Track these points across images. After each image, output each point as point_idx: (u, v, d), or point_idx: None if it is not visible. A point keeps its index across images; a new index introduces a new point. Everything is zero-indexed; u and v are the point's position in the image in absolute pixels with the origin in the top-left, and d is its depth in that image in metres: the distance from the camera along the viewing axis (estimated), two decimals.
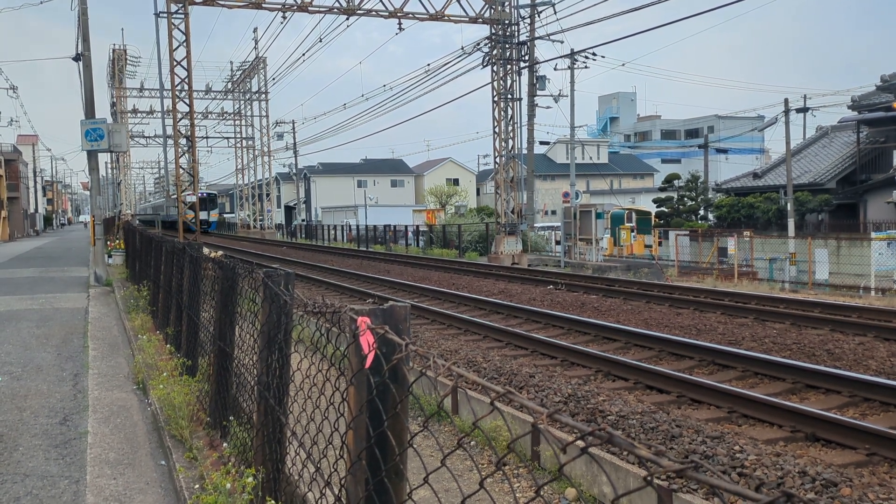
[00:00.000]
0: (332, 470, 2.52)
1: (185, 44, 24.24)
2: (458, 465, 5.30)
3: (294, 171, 64.27)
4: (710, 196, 41.47)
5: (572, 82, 32.74)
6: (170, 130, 27.51)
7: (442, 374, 1.80)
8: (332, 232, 47.18)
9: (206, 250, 6.98)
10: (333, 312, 2.57)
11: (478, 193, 71.96)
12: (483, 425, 5.90)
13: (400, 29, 26.17)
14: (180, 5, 23.76)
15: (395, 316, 2.24)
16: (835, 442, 5.67)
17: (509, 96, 27.18)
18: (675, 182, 43.52)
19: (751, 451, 5.14)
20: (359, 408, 2.23)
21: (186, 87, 24.82)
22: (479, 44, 27.35)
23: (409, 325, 2.27)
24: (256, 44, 53.75)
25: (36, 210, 77.22)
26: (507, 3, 27.08)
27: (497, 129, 27.27)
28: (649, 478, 1.19)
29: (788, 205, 30.23)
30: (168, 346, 8.45)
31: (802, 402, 6.75)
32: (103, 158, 54.54)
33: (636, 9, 19.96)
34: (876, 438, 5.44)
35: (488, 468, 5.24)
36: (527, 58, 29.54)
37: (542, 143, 40.28)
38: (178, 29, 24.00)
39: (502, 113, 27.10)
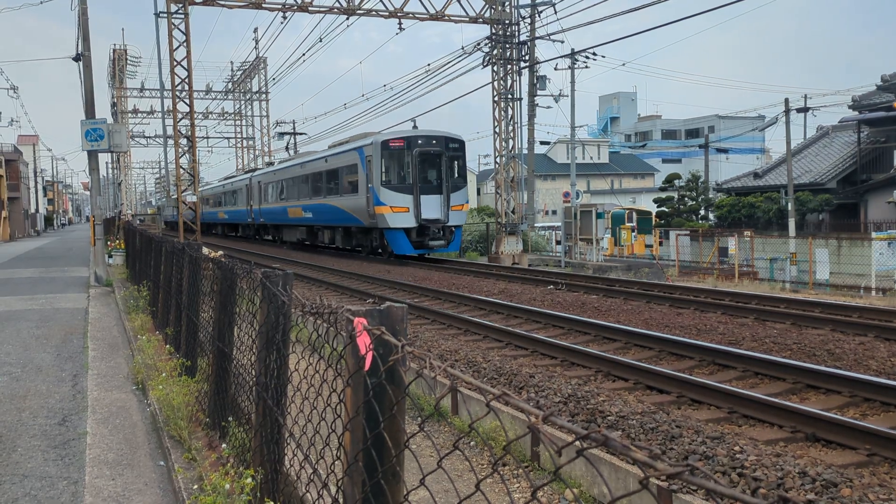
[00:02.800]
0: (330, 471, 2.51)
1: (185, 44, 24.23)
2: (458, 466, 5.29)
3: None
4: (710, 196, 41.46)
5: (573, 82, 32.71)
6: (170, 130, 27.50)
7: (439, 376, 1.80)
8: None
9: (205, 250, 6.98)
10: (331, 313, 2.56)
11: (478, 193, 71.96)
12: (484, 425, 5.89)
13: (400, 29, 26.17)
14: (180, 5, 23.75)
15: (392, 317, 2.23)
16: (835, 442, 5.65)
17: (510, 96, 27.16)
18: (676, 182, 43.51)
19: (751, 451, 5.13)
20: (356, 409, 2.22)
21: (187, 87, 24.82)
22: (479, 44, 27.34)
23: (406, 325, 2.26)
24: (257, 44, 53.78)
25: (37, 210, 77.26)
26: (507, 3, 27.07)
27: (497, 129, 27.25)
28: (645, 481, 1.18)
29: (789, 205, 30.19)
30: (167, 346, 8.45)
31: (803, 402, 6.74)
32: (104, 158, 54.45)
33: (636, 8, 19.96)
34: (876, 439, 5.43)
35: (487, 469, 5.23)
36: (527, 58, 29.53)
37: (542, 142, 40.26)
38: (179, 29, 24.00)
39: (503, 113, 27.08)
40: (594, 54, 31.84)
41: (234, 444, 4.55)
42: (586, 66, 33.86)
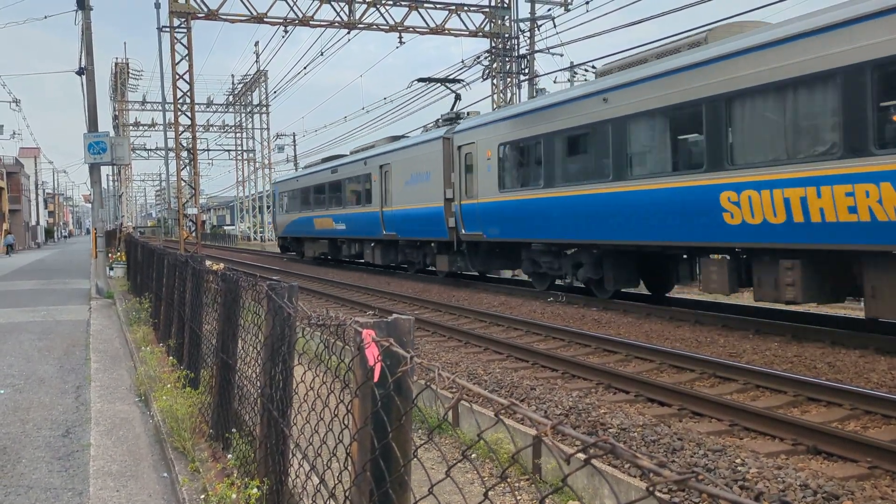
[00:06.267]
0: (337, 481, 2.54)
1: (187, 58, 24.38)
2: (459, 478, 5.31)
3: None
4: None
5: None
6: (171, 143, 27.63)
7: (446, 387, 1.83)
8: None
9: (208, 263, 7.02)
10: (338, 325, 2.60)
11: None
12: (485, 436, 5.91)
13: (400, 42, 26.33)
14: (182, 20, 23.92)
15: (400, 328, 2.27)
16: (836, 455, 5.67)
17: None
18: None
19: (752, 464, 5.15)
20: (363, 420, 2.26)
21: (188, 100, 24.95)
22: (479, 57, 27.51)
23: (413, 337, 2.31)
24: (258, 57, 54.14)
25: (37, 222, 77.36)
26: (507, 18, 27.26)
27: None
28: (651, 488, 1.22)
29: None
30: (170, 358, 8.47)
31: (804, 414, 6.76)
32: (105, 171, 54.45)
33: (635, 22, 20.12)
34: (878, 451, 5.45)
35: (490, 480, 5.25)
36: (527, 71, 29.70)
37: None
38: (181, 43, 24.15)
39: None
40: (594, 67, 32.01)
41: (238, 455, 4.57)
42: (585, 80, 34.05)
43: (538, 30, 31.44)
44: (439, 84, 24.59)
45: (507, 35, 27.23)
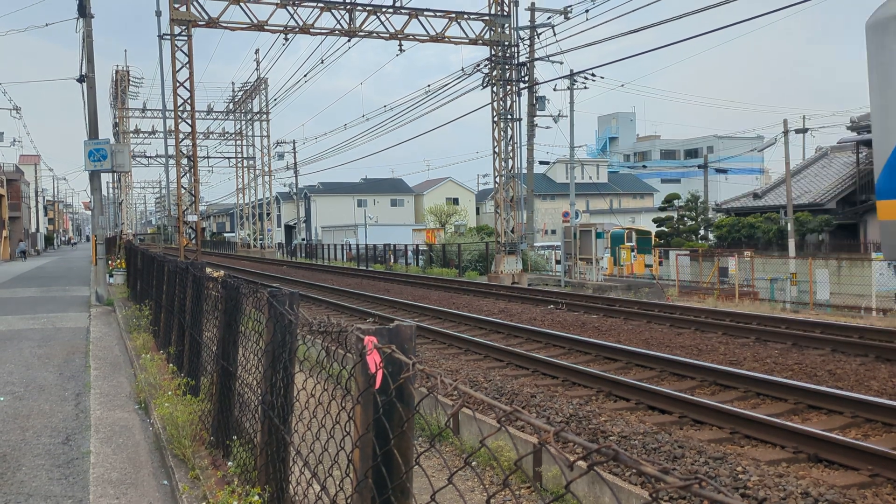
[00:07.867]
0: (338, 489, 2.54)
1: (187, 65, 24.43)
2: (460, 486, 5.30)
3: (294, 190, 64.53)
4: (710, 216, 41.55)
5: (572, 103, 32.97)
6: (172, 150, 27.66)
7: (448, 394, 1.84)
8: (332, 251, 47.26)
9: (208, 270, 7.03)
10: (339, 332, 2.60)
11: (477, 213, 72.15)
12: (486, 444, 5.89)
13: (401, 50, 26.38)
14: (183, 28, 23.98)
15: (401, 335, 2.27)
16: (837, 463, 5.66)
17: (509, 117, 27.33)
18: (675, 202, 43.64)
19: (753, 471, 5.14)
20: (365, 426, 2.25)
21: (189, 107, 24.98)
22: (479, 65, 27.57)
23: (414, 344, 2.31)
24: (258, 65, 54.30)
25: (37, 229, 77.35)
26: (506, 25, 27.34)
27: (497, 149, 27.39)
28: (654, 495, 1.22)
29: (789, 225, 30.27)
30: (170, 365, 8.46)
31: (804, 422, 6.75)
32: (105, 178, 54.44)
33: (635, 31, 20.22)
34: (879, 459, 5.44)
35: (491, 488, 5.24)
36: (526, 79, 29.79)
37: (541, 162, 40.41)
38: (182, 51, 24.20)
39: (502, 133, 27.24)
40: (593, 75, 32.10)
41: (238, 462, 4.56)
42: (585, 87, 34.27)
43: (538, 38, 31.58)
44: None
45: (506, 43, 27.30)
